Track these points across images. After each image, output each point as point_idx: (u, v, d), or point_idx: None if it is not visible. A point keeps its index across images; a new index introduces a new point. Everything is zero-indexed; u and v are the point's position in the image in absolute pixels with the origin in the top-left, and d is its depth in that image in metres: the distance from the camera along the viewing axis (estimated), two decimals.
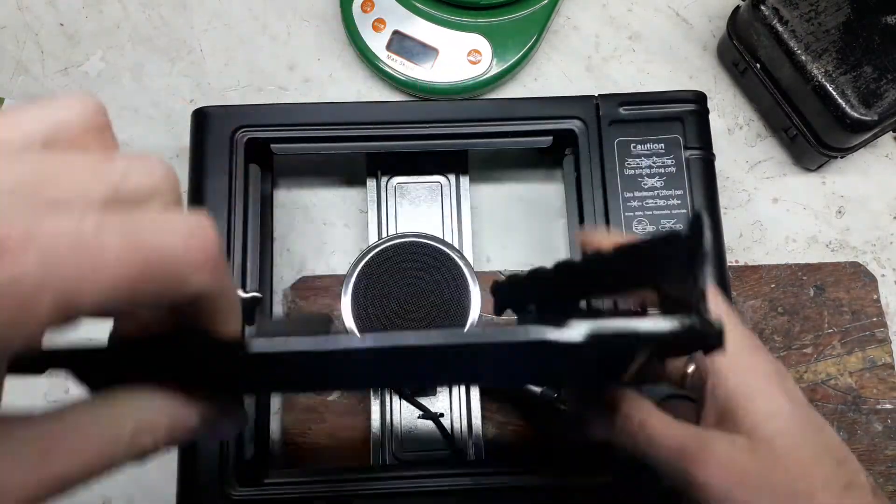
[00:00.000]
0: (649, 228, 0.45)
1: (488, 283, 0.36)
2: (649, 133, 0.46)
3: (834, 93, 0.46)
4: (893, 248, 0.52)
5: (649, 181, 0.46)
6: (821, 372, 0.48)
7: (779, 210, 0.52)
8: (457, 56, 0.53)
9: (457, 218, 0.50)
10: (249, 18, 0.56)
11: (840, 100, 0.46)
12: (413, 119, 0.47)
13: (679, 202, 0.45)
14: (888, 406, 0.48)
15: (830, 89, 0.46)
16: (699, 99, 0.47)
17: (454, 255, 0.44)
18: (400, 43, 0.53)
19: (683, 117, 0.47)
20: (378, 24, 0.53)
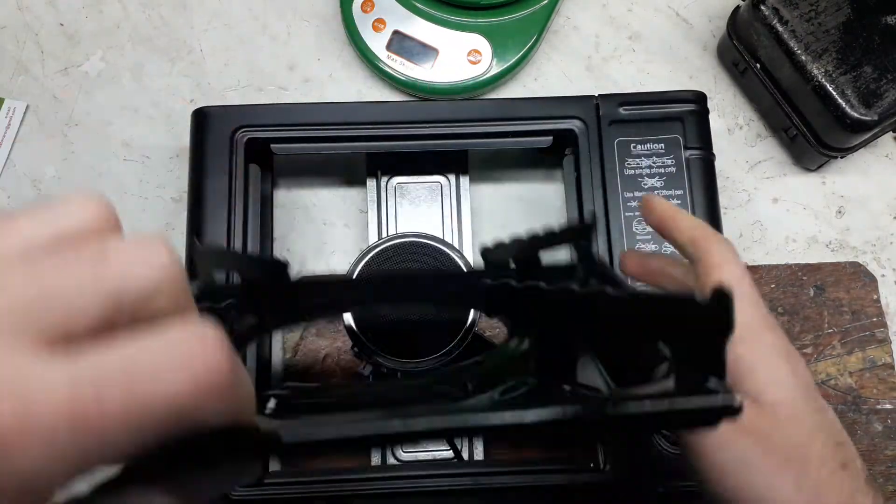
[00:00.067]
0: (649, 228, 0.45)
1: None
2: (649, 133, 0.46)
3: (834, 93, 0.46)
4: (893, 248, 0.52)
5: (649, 181, 0.46)
6: (821, 372, 0.48)
7: (779, 210, 0.52)
8: (457, 56, 0.53)
9: (457, 218, 0.50)
10: (249, 18, 0.56)
11: (840, 100, 0.46)
12: (413, 119, 0.47)
13: (679, 202, 0.45)
14: (888, 406, 0.48)
15: (830, 89, 0.46)
16: (699, 99, 0.47)
17: (454, 255, 0.44)
18: (400, 43, 0.53)
19: (683, 117, 0.47)
20: (378, 24, 0.53)
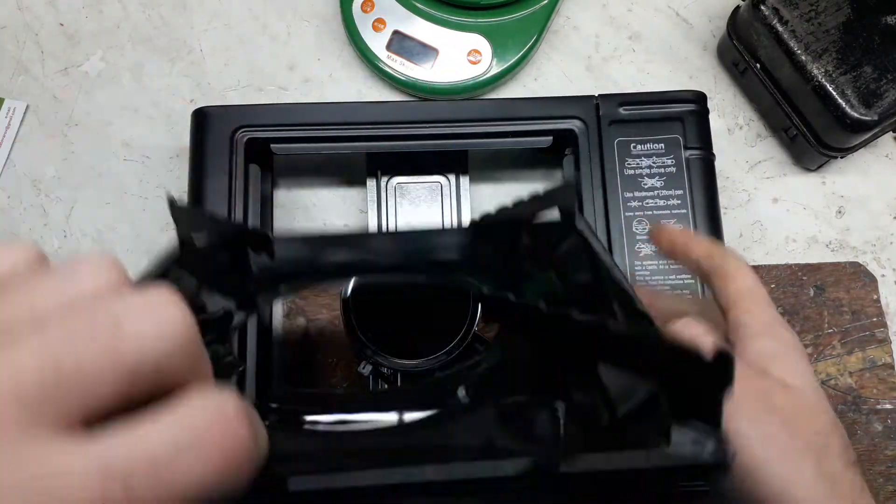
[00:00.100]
0: (649, 228, 0.45)
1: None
2: (649, 133, 0.46)
3: (834, 93, 0.46)
4: (893, 248, 0.52)
5: (649, 181, 0.46)
6: (821, 372, 0.48)
7: (779, 210, 0.52)
8: (457, 56, 0.53)
9: (457, 218, 0.50)
10: (249, 18, 0.56)
11: (840, 100, 0.46)
12: (413, 119, 0.47)
13: (679, 202, 0.45)
14: (888, 406, 0.48)
15: (830, 89, 0.46)
16: (699, 99, 0.47)
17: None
18: (400, 43, 0.53)
19: (683, 117, 0.47)
20: (378, 24, 0.53)
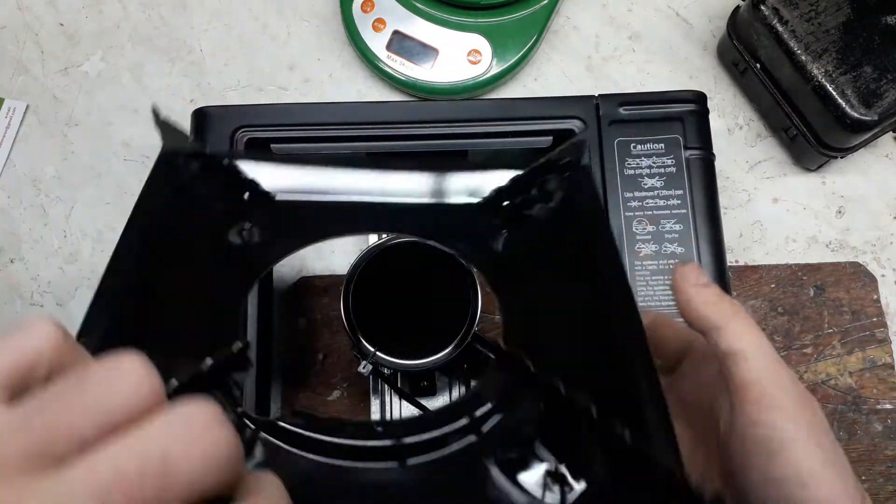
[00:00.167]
0: (649, 228, 0.45)
1: (488, 284, 0.36)
2: (649, 133, 0.46)
3: (834, 93, 0.46)
4: (893, 248, 0.52)
5: (649, 181, 0.46)
6: (821, 372, 0.48)
7: (779, 210, 0.52)
8: (457, 56, 0.53)
9: None
10: (249, 18, 0.56)
11: (840, 100, 0.46)
12: (413, 119, 0.47)
13: (679, 202, 0.45)
14: (888, 406, 0.48)
15: (830, 89, 0.46)
16: (699, 99, 0.47)
17: (456, 255, 0.43)
18: (400, 43, 0.53)
19: (683, 117, 0.47)
20: (378, 24, 0.53)
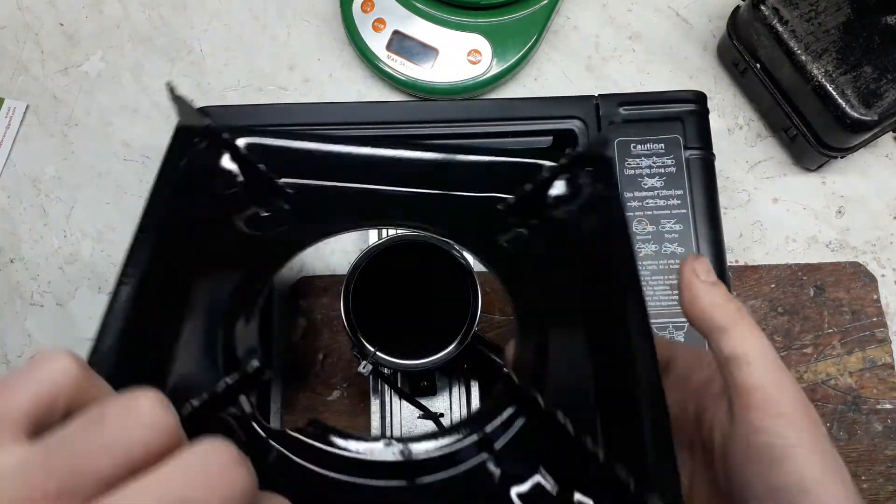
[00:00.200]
0: (649, 228, 0.45)
1: (488, 284, 0.36)
2: (649, 133, 0.46)
3: (834, 93, 0.46)
4: (893, 248, 0.52)
5: (649, 181, 0.46)
6: (821, 372, 0.48)
7: (779, 210, 0.52)
8: (457, 56, 0.53)
9: None
10: (249, 18, 0.56)
11: (840, 100, 0.46)
12: (413, 119, 0.47)
13: (679, 202, 0.45)
14: (888, 406, 0.48)
15: (830, 89, 0.46)
16: (699, 99, 0.47)
17: (455, 255, 0.44)
18: (400, 43, 0.53)
19: (683, 117, 0.47)
20: (378, 24, 0.53)
